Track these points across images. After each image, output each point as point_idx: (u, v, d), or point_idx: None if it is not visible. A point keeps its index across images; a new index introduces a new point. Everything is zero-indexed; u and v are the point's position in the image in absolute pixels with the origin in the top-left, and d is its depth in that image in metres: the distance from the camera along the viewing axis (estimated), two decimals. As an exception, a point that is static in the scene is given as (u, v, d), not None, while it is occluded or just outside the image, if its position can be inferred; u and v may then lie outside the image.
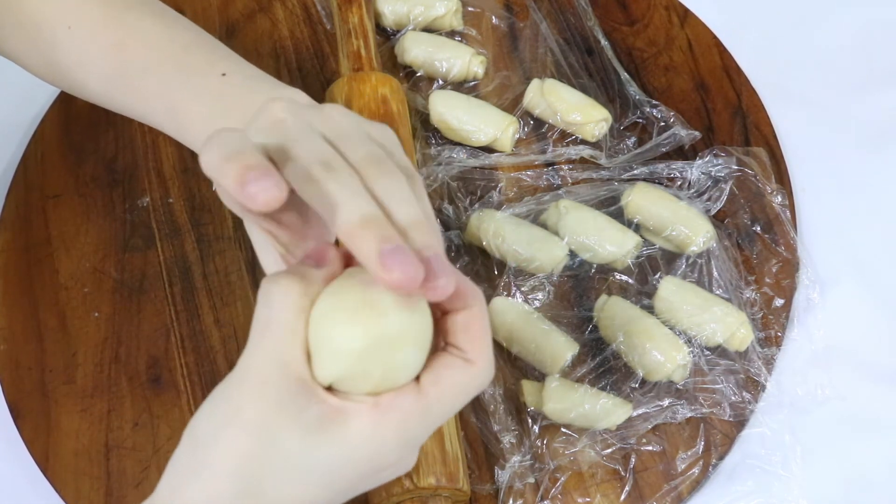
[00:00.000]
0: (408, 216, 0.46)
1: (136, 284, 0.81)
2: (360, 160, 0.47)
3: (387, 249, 0.43)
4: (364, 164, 0.46)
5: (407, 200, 0.46)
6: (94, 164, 0.86)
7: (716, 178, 0.79)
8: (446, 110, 0.82)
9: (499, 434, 0.72)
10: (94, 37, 0.68)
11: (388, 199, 0.46)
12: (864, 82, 0.85)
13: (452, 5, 0.87)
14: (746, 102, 0.83)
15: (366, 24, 0.83)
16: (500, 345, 0.75)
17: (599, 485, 0.71)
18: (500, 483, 0.71)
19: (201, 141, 0.64)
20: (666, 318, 0.74)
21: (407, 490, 0.65)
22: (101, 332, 0.80)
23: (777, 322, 0.75)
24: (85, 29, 0.68)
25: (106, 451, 0.75)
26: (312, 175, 0.45)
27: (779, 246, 0.77)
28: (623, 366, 0.74)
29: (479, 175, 0.82)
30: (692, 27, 0.87)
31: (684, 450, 0.72)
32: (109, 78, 0.68)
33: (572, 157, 0.82)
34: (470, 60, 0.85)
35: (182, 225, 0.82)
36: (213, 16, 0.91)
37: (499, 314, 0.75)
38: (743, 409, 0.72)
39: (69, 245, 0.83)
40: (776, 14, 0.89)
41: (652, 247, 0.78)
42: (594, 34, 0.87)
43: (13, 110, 0.91)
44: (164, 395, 0.77)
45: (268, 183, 0.44)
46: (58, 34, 0.69)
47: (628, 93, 0.84)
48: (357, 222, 0.44)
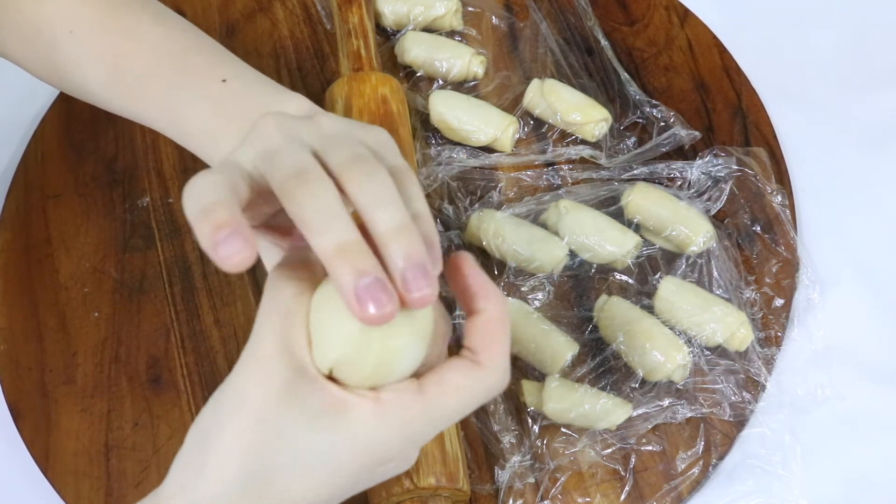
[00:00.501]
0: (390, 221, 0.45)
1: (136, 284, 0.81)
2: (341, 163, 0.46)
3: (361, 285, 0.43)
4: (345, 166, 0.46)
5: (390, 201, 0.45)
6: (94, 164, 0.86)
7: (716, 178, 0.79)
8: (446, 110, 0.82)
9: (499, 434, 0.72)
10: (94, 41, 0.68)
11: (369, 204, 0.45)
12: (864, 82, 0.85)
13: (452, 5, 0.87)
14: (746, 102, 0.83)
15: (366, 24, 0.83)
16: (500, 345, 0.75)
17: (599, 485, 0.71)
18: (500, 483, 0.71)
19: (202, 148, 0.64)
20: (666, 318, 0.74)
21: (407, 490, 0.65)
22: (101, 332, 0.80)
23: (777, 322, 0.75)
24: (85, 32, 0.68)
25: (106, 451, 0.76)
26: (287, 189, 0.45)
27: (779, 246, 0.77)
28: (623, 366, 0.74)
29: (479, 175, 0.82)
30: (692, 27, 0.87)
31: (684, 450, 0.72)
32: (109, 82, 0.68)
33: (572, 157, 0.82)
34: (470, 60, 0.85)
35: (182, 225, 0.82)
36: (213, 16, 0.91)
37: (499, 314, 0.75)
38: (743, 409, 0.72)
39: (69, 245, 0.83)
40: (776, 14, 0.89)
41: (652, 247, 0.78)
42: (594, 34, 0.87)
43: (13, 110, 0.91)
44: (164, 395, 0.77)
45: (238, 244, 0.43)
46: (58, 37, 0.69)
47: (628, 93, 0.84)
48: (332, 250, 0.44)
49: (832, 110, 0.84)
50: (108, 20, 0.68)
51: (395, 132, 0.77)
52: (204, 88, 0.65)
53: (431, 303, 0.45)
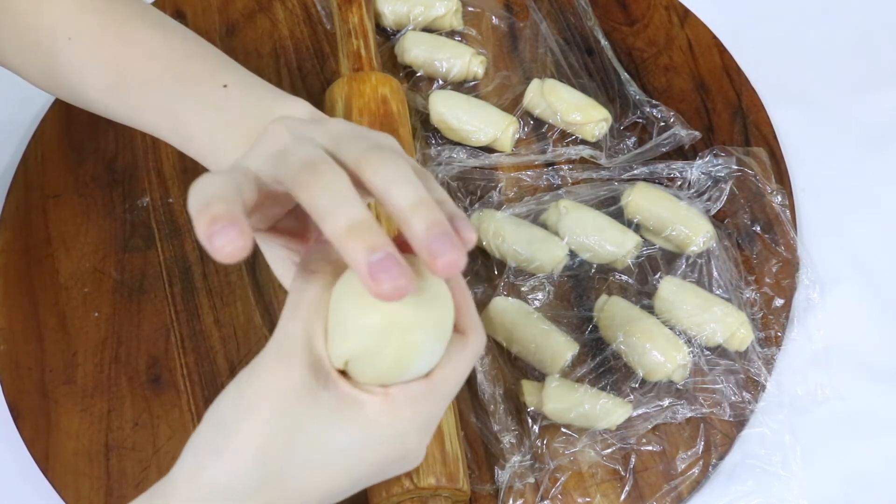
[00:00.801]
0: (409, 197, 0.45)
1: (136, 284, 0.81)
2: (356, 154, 0.46)
3: (374, 259, 0.43)
4: (360, 156, 0.46)
5: (406, 181, 0.45)
6: (94, 164, 0.86)
7: (716, 178, 0.79)
8: (446, 110, 0.82)
9: (499, 434, 0.72)
10: (94, 48, 0.68)
11: (387, 181, 0.45)
12: (864, 82, 0.85)
13: (452, 5, 0.87)
14: (746, 102, 0.83)
15: (366, 24, 0.83)
16: (500, 345, 0.75)
17: (599, 485, 0.71)
18: (500, 483, 0.71)
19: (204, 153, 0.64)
20: (666, 318, 0.74)
21: (407, 490, 0.65)
22: (101, 332, 0.80)
23: (777, 322, 0.75)
24: (84, 39, 0.68)
25: (106, 451, 0.76)
26: (299, 181, 0.45)
27: (779, 246, 0.77)
28: (623, 366, 0.74)
29: (479, 175, 0.82)
30: (692, 27, 0.87)
31: (684, 450, 0.72)
32: (109, 89, 0.68)
33: (572, 157, 0.82)
34: (470, 60, 0.85)
35: (182, 225, 0.82)
36: (213, 16, 0.91)
37: (499, 314, 0.75)
38: (743, 409, 0.72)
39: (69, 245, 0.83)
40: (776, 14, 0.89)
41: (652, 247, 0.78)
42: (594, 34, 0.87)
43: (13, 110, 0.91)
44: (164, 395, 0.77)
45: (231, 234, 0.44)
46: (57, 44, 0.68)
47: (628, 93, 0.84)
48: (343, 231, 0.44)
49: (832, 110, 0.84)
50: (108, 27, 0.68)
51: (395, 132, 0.77)
52: (205, 94, 0.65)
53: (460, 269, 0.45)
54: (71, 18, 0.68)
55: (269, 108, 0.63)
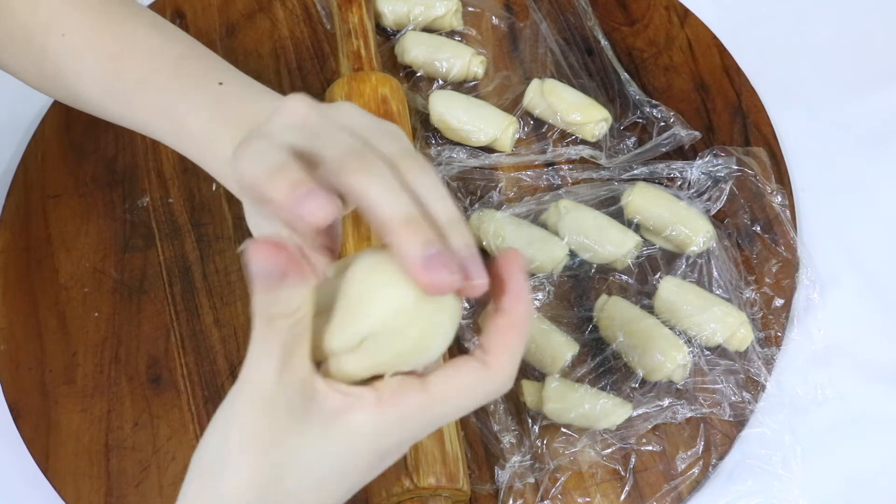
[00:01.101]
0: (446, 214, 0.46)
1: (136, 284, 0.81)
2: (393, 155, 0.47)
3: (430, 254, 0.44)
4: (398, 159, 0.47)
5: (443, 197, 0.47)
6: (94, 164, 0.86)
7: (716, 178, 0.79)
8: (446, 110, 0.82)
9: (499, 434, 0.72)
10: (89, 46, 0.68)
11: (426, 195, 0.46)
12: (864, 82, 0.85)
13: (452, 5, 0.87)
14: (746, 102, 0.83)
15: (366, 24, 0.83)
16: (500, 345, 0.75)
17: (599, 485, 0.71)
18: (500, 483, 0.71)
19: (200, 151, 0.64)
20: (666, 318, 0.74)
21: (407, 490, 0.65)
22: (101, 332, 0.80)
23: (777, 322, 0.75)
24: (79, 37, 0.68)
25: (106, 451, 0.76)
26: (348, 167, 0.46)
27: (779, 246, 0.77)
28: (623, 366, 0.74)
29: (478, 175, 0.82)
30: (692, 27, 0.87)
31: (684, 450, 0.72)
32: (104, 87, 0.68)
33: (572, 157, 0.82)
34: (470, 60, 0.85)
35: (182, 225, 0.82)
36: (213, 16, 0.91)
37: (499, 314, 0.75)
38: (743, 409, 0.72)
39: (69, 245, 0.83)
40: (776, 14, 0.89)
41: (652, 247, 0.78)
42: (594, 34, 0.87)
43: (13, 110, 0.91)
44: (164, 395, 0.77)
45: (322, 199, 0.44)
46: (51, 42, 0.68)
47: (628, 93, 0.84)
48: (401, 221, 0.45)
49: (832, 110, 0.84)
50: (104, 27, 0.68)
51: (396, 132, 0.77)
52: (201, 93, 0.64)
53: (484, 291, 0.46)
54: (65, 16, 0.68)
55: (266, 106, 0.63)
